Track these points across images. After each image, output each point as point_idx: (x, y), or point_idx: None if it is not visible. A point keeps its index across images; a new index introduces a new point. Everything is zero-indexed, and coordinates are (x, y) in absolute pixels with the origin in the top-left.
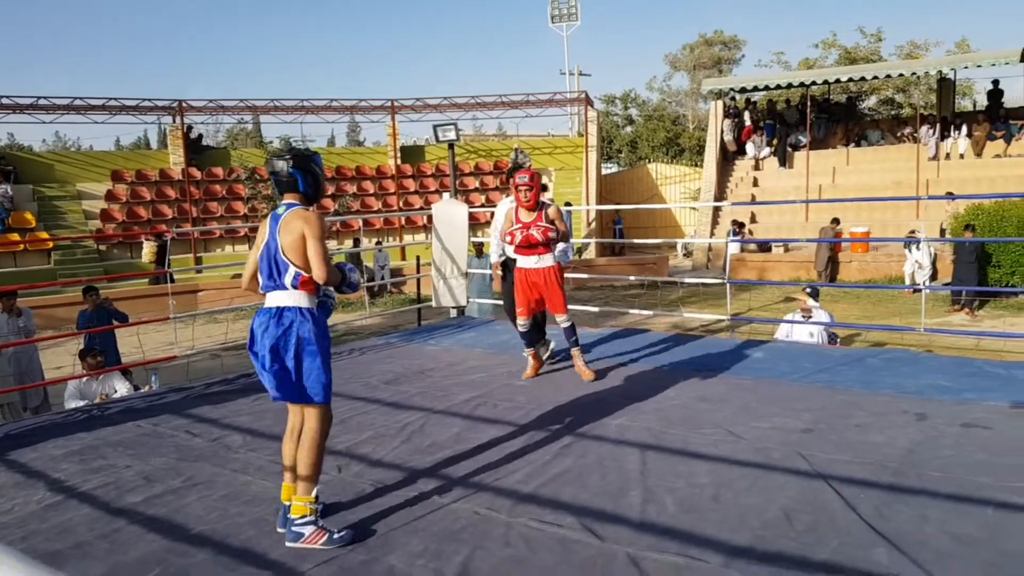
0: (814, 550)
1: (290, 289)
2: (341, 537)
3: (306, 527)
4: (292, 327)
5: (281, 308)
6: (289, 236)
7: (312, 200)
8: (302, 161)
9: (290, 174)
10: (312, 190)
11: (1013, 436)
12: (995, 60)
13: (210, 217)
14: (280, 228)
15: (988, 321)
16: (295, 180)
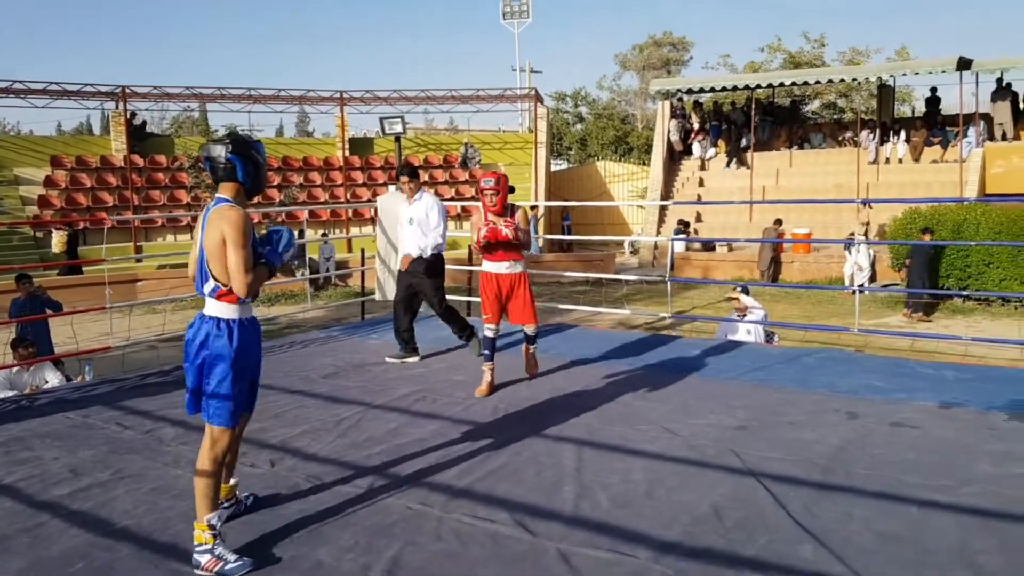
0: (743, 546)
1: (210, 298)
2: (238, 567)
3: (203, 555)
4: (207, 340)
5: (203, 317)
6: (211, 240)
7: (251, 193)
8: (242, 147)
9: (228, 160)
10: (252, 180)
11: (940, 436)
12: (932, 68)
13: (152, 205)
14: (206, 228)
15: (923, 324)
16: (233, 168)
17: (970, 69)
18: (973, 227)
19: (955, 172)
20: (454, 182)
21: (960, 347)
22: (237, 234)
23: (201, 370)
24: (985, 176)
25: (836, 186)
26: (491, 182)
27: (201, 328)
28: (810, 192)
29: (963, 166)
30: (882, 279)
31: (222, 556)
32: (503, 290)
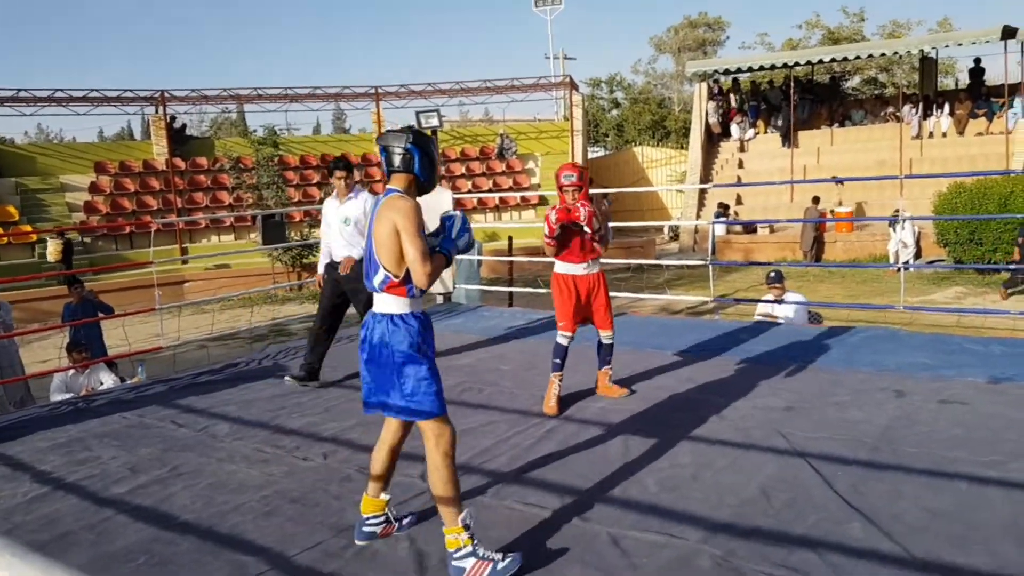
0: (791, 525)
1: (380, 292)
2: (507, 566)
3: (466, 560)
4: (385, 338)
5: (375, 315)
6: (382, 230)
7: (422, 188)
8: (421, 139)
9: (407, 150)
10: (426, 174)
11: (988, 411)
12: (976, 39)
13: (195, 207)
14: (376, 219)
15: (971, 299)
16: (412, 158)
17: (1015, 38)
18: (1021, 199)
19: (1001, 144)
20: (491, 173)
21: (1008, 322)
22: (411, 224)
23: (388, 372)
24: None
25: (879, 163)
26: (572, 177)
27: (375, 328)
28: (852, 170)
29: (1009, 138)
30: (927, 255)
31: (488, 556)
32: (581, 294)
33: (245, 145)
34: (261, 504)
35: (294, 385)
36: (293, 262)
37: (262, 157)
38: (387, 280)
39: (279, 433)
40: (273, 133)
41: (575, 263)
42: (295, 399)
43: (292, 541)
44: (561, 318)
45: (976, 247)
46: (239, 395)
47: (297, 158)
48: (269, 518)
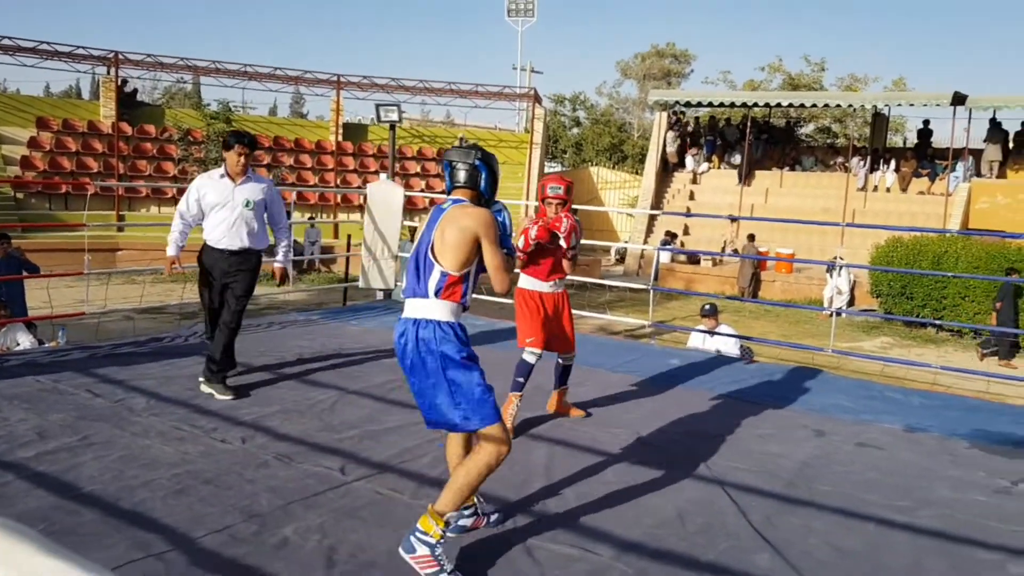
0: (703, 551)
1: (431, 297)
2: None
3: (422, 546)
4: (432, 346)
5: (418, 320)
6: (452, 236)
7: (485, 203)
8: (489, 158)
9: (475, 167)
10: (490, 192)
11: (902, 458)
12: (927, 101)
13: (138, 175)
14: (444, 222)
15: (897, 349)
16: (478, 175)
17: (964, 104)
18: (953, 259)
19: (940, 205)
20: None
21: (929, 375)
22: (493, 233)
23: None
24: (969, 211)
25: (824, 210)
26: (559, 189)
27: (419, 333)
28: (798, 213)
29: (948, 199)
30: (860, 304)
31: (441, 560)
32: (548, 311)
33: (197, 118)
34: (172, 482)
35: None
36: None
37: (213, 132)
38: (444, 280)
39: (198, 413)
40: (228, 109)
41: (542, 280)
42: None
43: (200, 522)
44: (529, 334)
45: (907, 300)
46: (161, 370)
47: None
48: (179, 497)
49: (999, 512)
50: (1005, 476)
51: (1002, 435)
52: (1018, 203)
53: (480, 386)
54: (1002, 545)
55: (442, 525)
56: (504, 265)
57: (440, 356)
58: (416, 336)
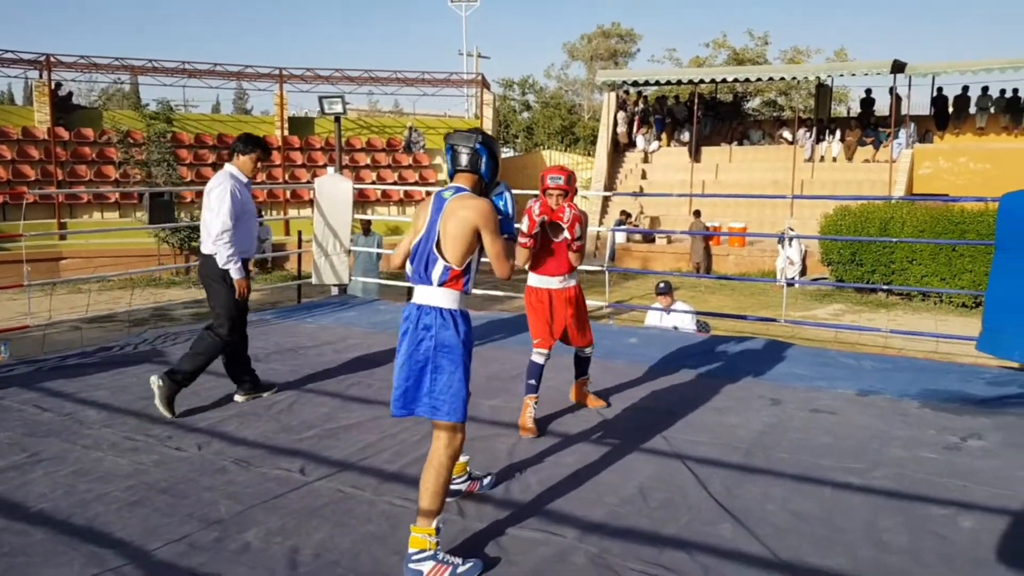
0: (665, 525)
1: (435, 286)
2: (467, 571)
3: (424, 563)
4: (431, 331)
5: (420, 307)
6: (453, 227)
7: (486, 189)
8: (489, 141)
9: (475, 150)
10: (491, 175)
11: (856, 422)
12: (868, 70)
13: (77, 181)
14: (446, 214)
15: (849, 316)
16: (479, 158)
17: (903, 72)
18: (899, 225)
19: (885, 172)
20: (397, 166)
21: (880, 339)
22: (493, 224)
23: (424, 366)
24: (913, 176)
25: (773, 182)
26: (559, 180)
27: (421, 319)
28: (748, 187)
29: (892, 166)
30: (812, 273)
31: (447, 561)
32: (557, 308)
33: (136, 119)
34: (127, 494)
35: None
36: (181, 244)
37: (153, 132)
38: (447, 272)
39: (151, 422)
40: (168, 108)
41: (549, 276)
42: None
43: (156, 533)
44: (536, 334)
45: (857, 267)
46: (111, 380)
47: (192, 136)
48: (134, 509)
49: (949, 468)
50: (954, 433)
51: (950, 393)
52: (959, 166)
53: (461, 381)
54: (953, 500)
55: (433, 534)
56: (504, 252)
57: (436, 342)
58: (418, 320)
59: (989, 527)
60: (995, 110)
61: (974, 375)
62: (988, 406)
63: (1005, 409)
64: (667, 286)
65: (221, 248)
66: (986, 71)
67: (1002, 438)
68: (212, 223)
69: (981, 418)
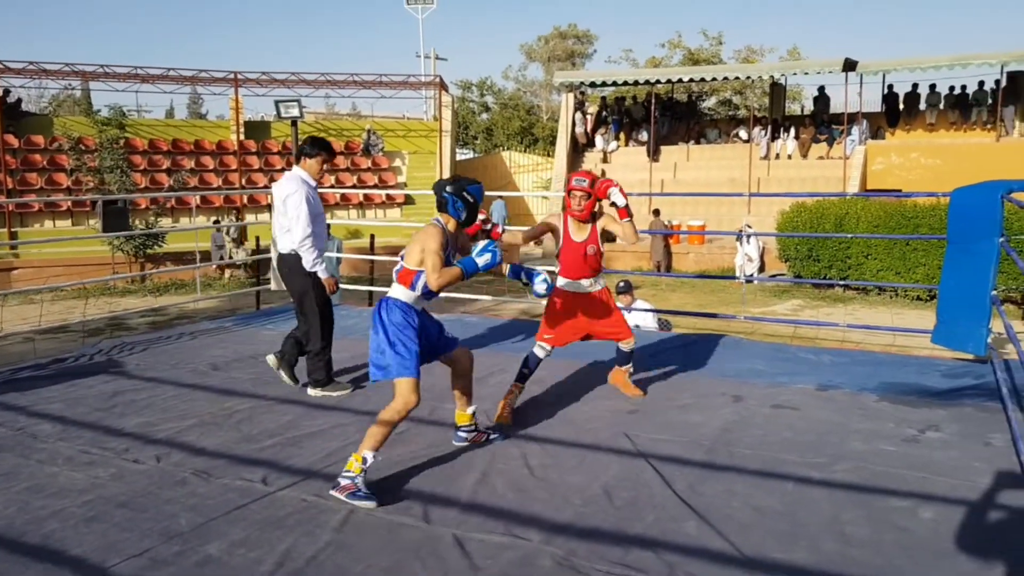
0: (630, 524)
1: (394, 281)
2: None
3: (345, 479)
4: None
5: (386, 296)
6: (414, 243)
7: (464, 224)
8: (457, 187)
9: (443, 198)
10: (460, 215)
11: (816, 416)
12: (820, 68)
13: (28, 189)
14: (417, 233)
15: (807, 311)
16: (445, 202)
17: (855, 70)
18: (854, 220)
19: (839, 168)
20: (356, 169)
21: (839, 333)
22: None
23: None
24: (866, 172)
25: (730, 180)
26: (584, 182)
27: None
28: (705, 185)
29: (847, 163)
30: (770, 269)
31: (359, 485)
32: (582, 312)
33: (88, 125)
34: (84, 509)
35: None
36: (136, 251)
37: (106, 139)
38: (400, 269)
39: (108, 434)
40: (120, 114)
41: (575, 279)
42: (128, 397)
43: (115, 549)
44: (547, 330)
45: (814, 263)
46: (65, 392)
47: (146, 142)
48: (91, 524)
49: (908, 460)
50: (912, 425)
51: (908, 386)
52: (910, 162)
53: (405, 348)
54: (912, 492)
55: (361, 462)
56: (434, 268)
57: (387, 320)
58: (379, 305)
59: (949, 518)
60: (944, 106)
61: (930, 367)
62: (945, 398)
63: (961, 401)
64: (627, 285)
65: (305, 253)
66: (935, 68)
67: (959, 429)
68: (295, 229)
69: (938, 410)
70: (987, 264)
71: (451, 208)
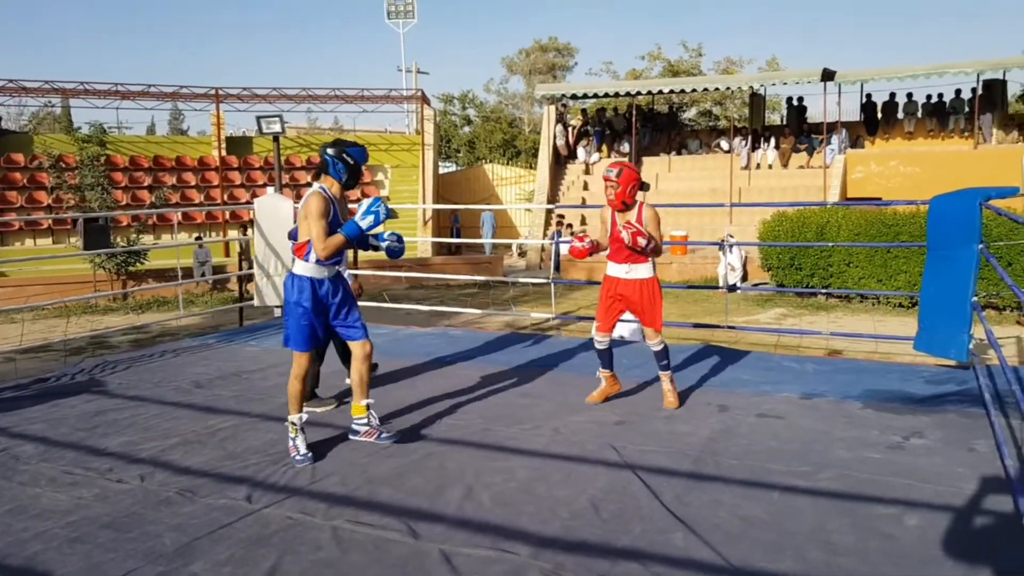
0: (618, 537)
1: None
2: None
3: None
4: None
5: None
6: (303, 211)
7: (345, 186)
8: (336, 149)
9: (322, 159)
10: (341, 176)
11: (801, 425)
12: (799, 78)
13: (8, 207)
14: (302, 203)
15: (790, 319)
16: (325, 164)
17: (833, 80)
18: (835, 229)
19: (820, 177)
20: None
21: (822, 341)
22: (315, 210)
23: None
24: (846, 181)
25: (712, 190)
26: (612, 172)
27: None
28: (687, 195)
29: (827, 172)
30: (753, 278)
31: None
32: (620, 296)
33: (68, 143)
34: (67, 531)
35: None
36: (118, 269)
37: (86, 156)
38: (294, 244)
39: (91, 454)
40: (101, 131)
41: (616, 264)
42: (111, 416)
43: (99, 570)
44: (597, 317)
45: (796, 271)
46: (47, 412)
47: (127, 159)
48: (75, 545)
49: (893, 467)
50: (897, 432)
51: (891, 393)
52: (890, 170)
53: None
54: (898, 499)
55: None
56: (319, 237)
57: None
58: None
59: (934, 524)
60: (921, 114)
61: (913, 374)
62: (928, 404)
63: (944, 407)
64: None
65: None
66: (912, 77)
67: (943, 435)
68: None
69: (922, 416)
70: (967, 270)
71: (332, 170)
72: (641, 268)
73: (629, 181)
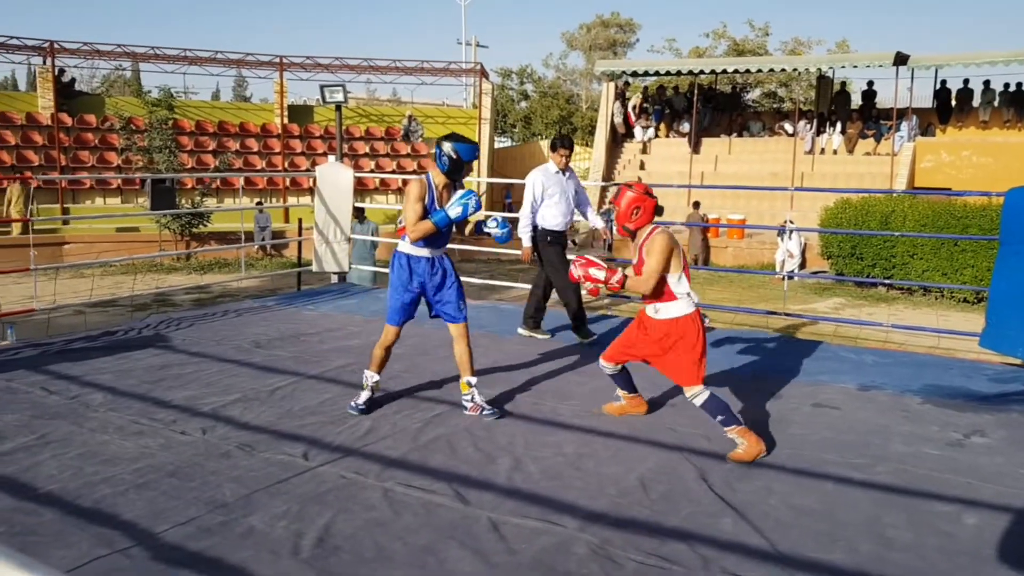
0: (666, 517)
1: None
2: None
3: (469, 403)
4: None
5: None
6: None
7: (451, 176)
8: (445, 143)
9: (433, 152)
10: (446, 167)
11: (857, 416)
12: (870, 62)
13: (80, 166)
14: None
15: (849, 310)
16: (435, 155)
17: (906, 64)
18: (900, 219)
19: (886, 164)
20: (396, 155)
21: (881, 333)
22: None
23: None
24: (915, 170)
25: (772, 174)
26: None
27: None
28: (747, 179)
29: (894, 159)
30: (811, 266)
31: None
32: (643, 333)
33: (138, 105)
34: (133, 477)
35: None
36: (182, 230)
37: (155, 119)
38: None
39: (156, 405)
40: (169, 95)
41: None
42: (175, 371)
43: (163, 516)
44: (611, 347)
45: (857, 261)
46: (115, 364)
47: (193, 123)
48: (141, 491)
49: (953, 465)
50: (957, 429)
51: (953, 389)
52: (961, 160)
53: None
54: (957, 497)
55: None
56: (410, 221)
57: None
58: None
59: (993, 524)
60: (999, 103)
61: (976, 371)
62: (991, 403)
63: (1008, 406)
64: None
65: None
66: (990, 64)
67: (1006, 435)
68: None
69: (984, 415)
70: None
71: (438, 161)
72: (669, 307)
73: (630, 204)
